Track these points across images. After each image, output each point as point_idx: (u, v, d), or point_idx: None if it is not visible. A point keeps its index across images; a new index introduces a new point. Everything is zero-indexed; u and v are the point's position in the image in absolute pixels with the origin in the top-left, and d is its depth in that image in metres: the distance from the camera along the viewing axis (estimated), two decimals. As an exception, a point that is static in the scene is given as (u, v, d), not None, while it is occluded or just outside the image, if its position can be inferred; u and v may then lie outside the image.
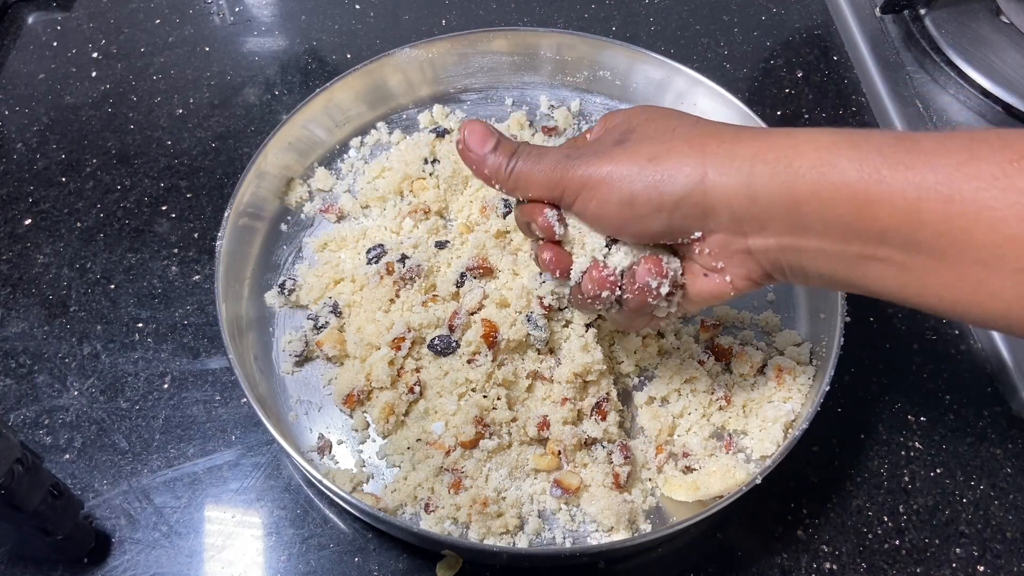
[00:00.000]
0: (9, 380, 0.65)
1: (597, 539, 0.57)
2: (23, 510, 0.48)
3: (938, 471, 0.63)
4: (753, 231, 0.44)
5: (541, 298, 0.60)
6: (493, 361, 0.59)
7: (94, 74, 0.85)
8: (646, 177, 0.44)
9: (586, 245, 0.50)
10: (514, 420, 0.59)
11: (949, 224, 0.37)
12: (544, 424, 0.58)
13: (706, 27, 0.91)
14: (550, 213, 0.50)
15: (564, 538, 0.57)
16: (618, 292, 0.50)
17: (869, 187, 0.39)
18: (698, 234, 0.46)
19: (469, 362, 0.59)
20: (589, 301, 0.51)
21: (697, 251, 0.47)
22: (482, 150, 0.50)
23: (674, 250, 0.49)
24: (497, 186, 0.51)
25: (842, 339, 0.58)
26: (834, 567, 0.59)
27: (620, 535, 0.56)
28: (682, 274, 0.49)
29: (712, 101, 0.71)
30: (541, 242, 0.52)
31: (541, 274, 0.60)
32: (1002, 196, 0.36)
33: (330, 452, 0.60)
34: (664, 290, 0.48)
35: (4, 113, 0.82)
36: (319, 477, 0.52)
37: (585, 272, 0.50)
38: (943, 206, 0.37)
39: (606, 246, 0.50)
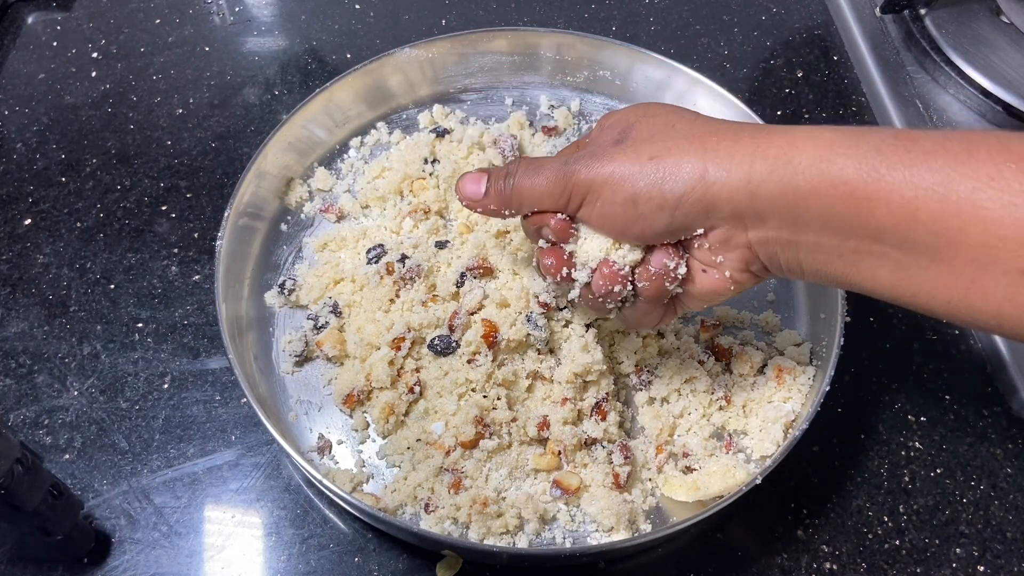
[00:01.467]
0: (9, 380, 0.65)
1: (597, 539, 0.57)
2: (23, 510, 0.48)
3: (938, 471, 0.63)
4: (753, 225, 0.44)
5: (538, 296, 0.60)
6: (493, 361, 0.59)
7: (94, 74, 0.85)
8: (648, 175, 0.45)
9: (588, 246, 0.50)
10: (514, 420, 0.59)
11: (944, 223, 0.38)
12: (544, 424, 0.58)
13: (706, 27, 0.91)
14: (560, 216, 0.50)
15: (564, 538, 0.57)
16: (630, 287, 0.50)
17: (867, 185, 0.39)
18: (700, 230, 0.46)
19: (469, 362, 0.59)
20: (601, 299, 0.51)
21: (697, 246, 0.47)
22: (479, 189, 0.51)
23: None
24: (507, 212, 0.52)
25: (842, 339, 0.58)
26: (834, 567, 0.59)
27: (620, 535, 0.56)
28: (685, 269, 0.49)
29: (712, 101, 0.71)
30: (541, 248, 0.52)
31: (546, 279, 0.60)
32: (997, 197, 0.36)
33: (330, 452, 0.60)
34: (682, 270, 0.48)
35: (4, 113, 0.82)
36: (319, 477, 0.52)
37: (595, 270, 0.50)
38: (939, 205, 0.38)
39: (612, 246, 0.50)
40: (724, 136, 0.44)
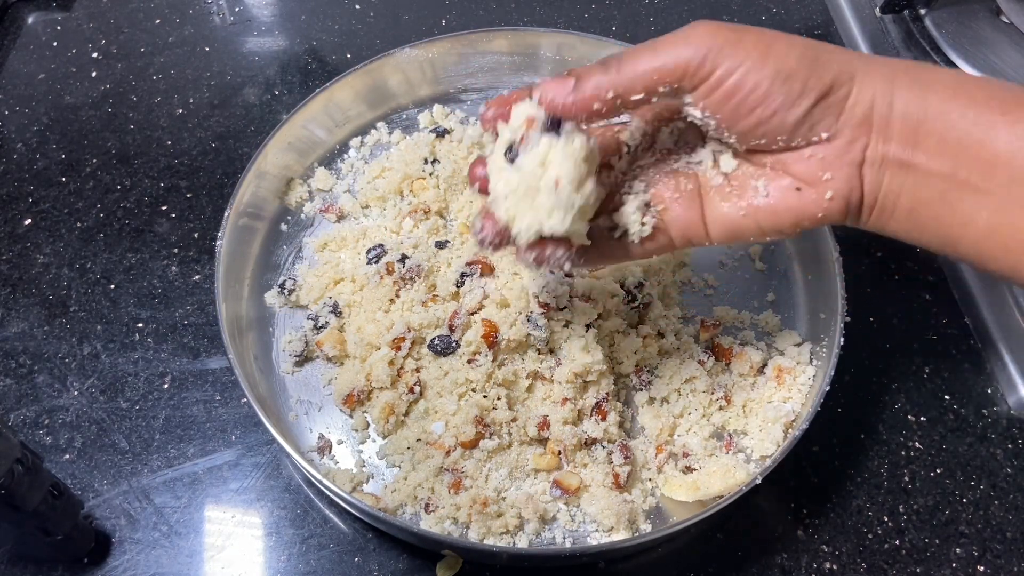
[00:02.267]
0: (9, 380, 0.65)
1: (597, 539, 0.57)
2: (23, 510, 0.48)
3: (938, 471, 0.63)
4: (878, 137, 0.43)
5: (538, 296, 0.60)
6: (493, 361, 0.59)
7: (94, 74, 0.85)
8: (803, 55, 0.43)
9: (514, 212, 0.45)
10: (514, 420, 0.59)
11: None
12: (544, 424, 0.58)
13: (706, 27, 0.91)
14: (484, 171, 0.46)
15: (564, 538, 0.57)
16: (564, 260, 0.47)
17: (993, 113, 0.41)
18: (825, 134, 0.43)
19: (469, 362, 0.59)
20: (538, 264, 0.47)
21: (808, 155, 0.44)
22: (566, 90, 0.44)
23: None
24: (611, 95, 0.43)
25: (842, 339, 0.58)
26: (834, 567, 0.59)
27: (620, 535, 0.56)
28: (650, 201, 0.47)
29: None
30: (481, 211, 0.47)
31: (543, 274, 0.60)
32: None
33: (330, 452, 0.60)
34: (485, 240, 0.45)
35: (4, 113, 0.82)
36: (319, 477, 0.52)
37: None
38: None
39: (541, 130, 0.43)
40: (866, 54, 0.45)
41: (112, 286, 0.70)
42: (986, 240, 0.42)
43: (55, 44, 0.87)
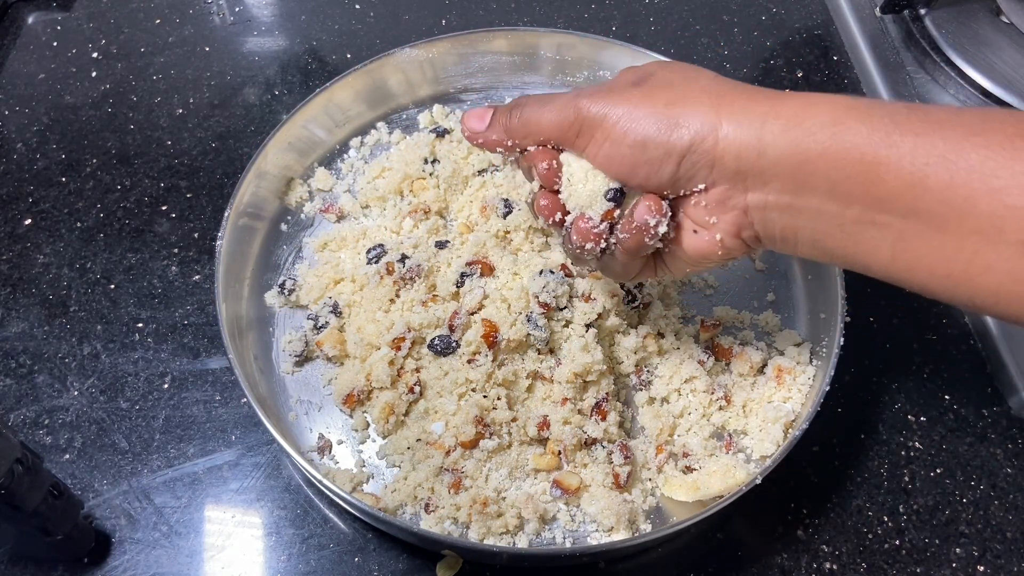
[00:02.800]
0: (9, 380, 0.65)
1: (597, 539, 0.57)
2: (23, 510, 0.48)
3: (938, 471, 0.63)
4: (755, 186, 0.44)
5: (538, 296, 0.60)
6: (493, 361, 0.59)
7: (94, 74, 0.85)
8: (661, 120, 0.44)
9: (579, 195, 0.50)
10: (514, 420, 0.59)
11: (952, 192, 0.38)
12: (544, 424, 0.58)
13: (706, 27, 0.91)
14: (548, 162, 0.50)
15: (564, 538, 0.57)
16: (603, 244, 0.50)
17: (878, 150, 0.39)
18: (702, 185, 0.45)
19: (469, 362, 0.59)
20: (578, 252, 0.51)
21: (693, 203, 0.47)
22: (483, 123, 0.51)
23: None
24: (510, 143, 0.51)
25: (842, 339, 0.58)
26: (834, 567, 0.59)
27: (620, 535, 0.56)
28: (673, 224, 0.48)
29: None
30: (540, 190, 0.52)
31: (541, 273, 0.60)
32: (1008, 166, 0.36)
33: (330, 452, 0.60)
34: (662, 229, 0.47)
35: (4, 113, 0.82)
36: (319, 477, 0.52)
37: (572, 224, 0.50)
38: (948, 174, 0.38)
39: (606, 196, 0.49)
40: (740, 94, 0.44)
41: (112, 286, 0.70)
42: (893, 264, 0.42)
43: (55, 44, 0.87)
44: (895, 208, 0.40)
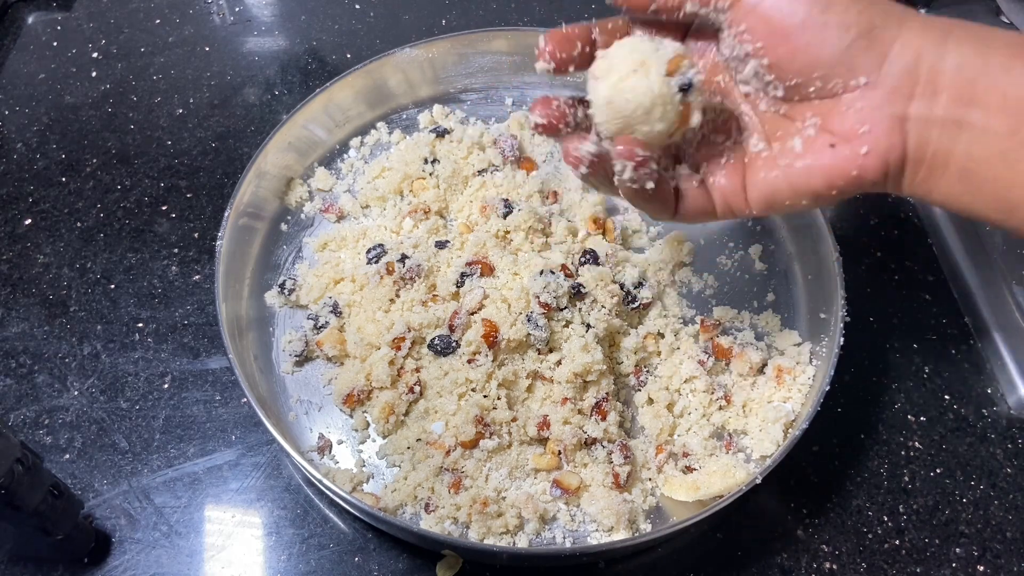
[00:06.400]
0: (9, 380, 0.65)
1: (597, 539, 0.57)
2: (23, 510, 0.48)
3: (938, 471, 0.63)
4: (924, 94, 0.40)
5: (538, 296, 0.60)
6: (493, 361, 0.59)
7: (94, 74, 0.85)
8: None
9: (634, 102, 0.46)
10: (514, 420, 0.59)
11: None
12: (544, 424, 0.58)
13: (706, 27, 0.91)
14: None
15: (564, 538, 0.57)
16: (583, 170, 0.47)
17: None
18: (864, 79, 0.41)
19: (469, 362, 0.59)
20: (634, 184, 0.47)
21: (846, 108, 0.42)
22: None
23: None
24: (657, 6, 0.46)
25: (842, 339, 0.58)
26: (834, 567, 0.59)
27: (620, 535, 0.56)
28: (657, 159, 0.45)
29: (712, 101, 0.71)
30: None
31: (541, 273, 0.60)
32: None
33: (330, 452, 0.60)
34: (627, 175, 0.45)
35: (4, 113, 0.82)
36: (319, 477, 0.52)
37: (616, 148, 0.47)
38: None
39: (680, 87, 0.44)
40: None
41: (112, 286, 0.70)
42: None
43: (55, 44, 0.87)
44: None
